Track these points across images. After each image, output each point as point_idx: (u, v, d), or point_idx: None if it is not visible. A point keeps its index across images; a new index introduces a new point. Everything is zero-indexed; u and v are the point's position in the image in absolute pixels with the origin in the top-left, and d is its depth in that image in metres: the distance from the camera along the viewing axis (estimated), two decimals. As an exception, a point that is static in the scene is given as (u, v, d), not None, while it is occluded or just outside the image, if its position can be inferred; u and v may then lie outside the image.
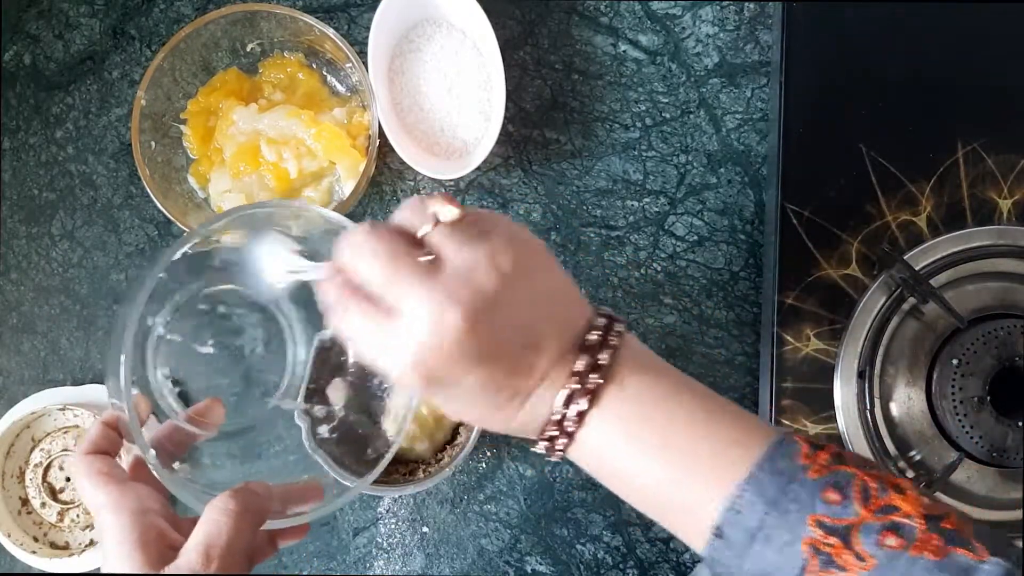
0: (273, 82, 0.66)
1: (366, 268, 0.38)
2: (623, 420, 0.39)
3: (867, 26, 0.64)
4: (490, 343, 0.37)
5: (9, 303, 0.69)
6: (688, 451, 0.39)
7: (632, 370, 0.39)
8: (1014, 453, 0.57)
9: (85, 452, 0.43)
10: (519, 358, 0.39)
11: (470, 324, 0.36)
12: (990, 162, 0.62)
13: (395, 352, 0.37)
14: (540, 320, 0.39)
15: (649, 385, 0.40)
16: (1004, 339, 0.57)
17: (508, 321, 0.38)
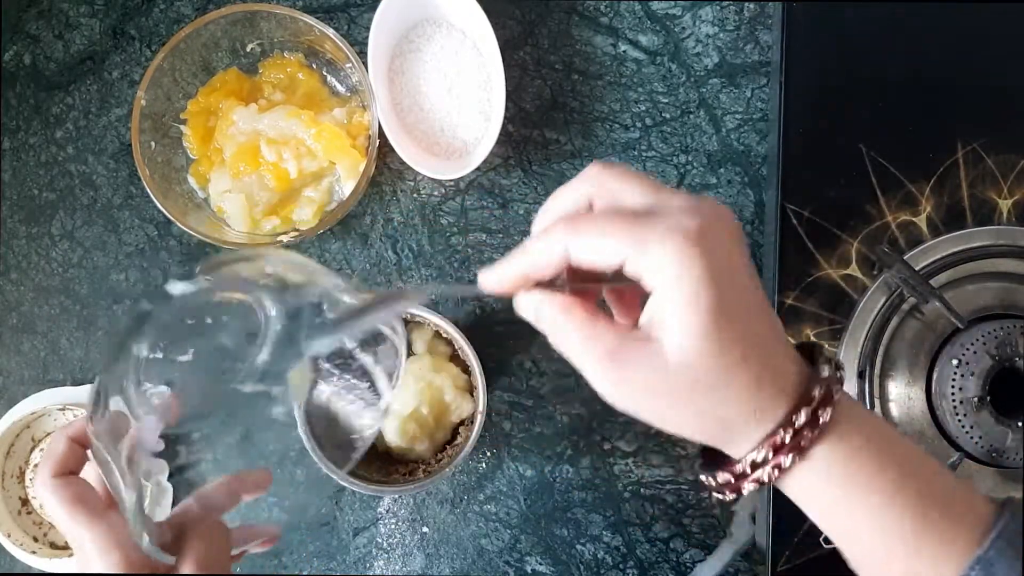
0: (273, 82, 0.66)
1: (628, 188, 0.34)
2: (842, 471, 0.35)
3: (867, 26, 0.64)
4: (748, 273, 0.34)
5: (9, 303, 0.69)
6: (922, 510, 0.35)
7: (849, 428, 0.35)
8: (1014, 453, 0.57)
9: (54, 474, 0.41)
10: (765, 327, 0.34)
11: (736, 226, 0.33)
12: (990, 162, 0.62)
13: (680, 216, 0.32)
14: (767, 341, 0.35)
15: (874, 435, 0.35)
16: (1004, 339, 0.57)
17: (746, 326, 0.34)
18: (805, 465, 0.35)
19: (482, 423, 0.60)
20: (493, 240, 0.67)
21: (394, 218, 0.68)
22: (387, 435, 0.62)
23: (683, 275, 0.32)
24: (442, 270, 0.67)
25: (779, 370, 0.34)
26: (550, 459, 0.66)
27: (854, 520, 0.35)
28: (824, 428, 0.34)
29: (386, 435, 0.62)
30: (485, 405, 0.60)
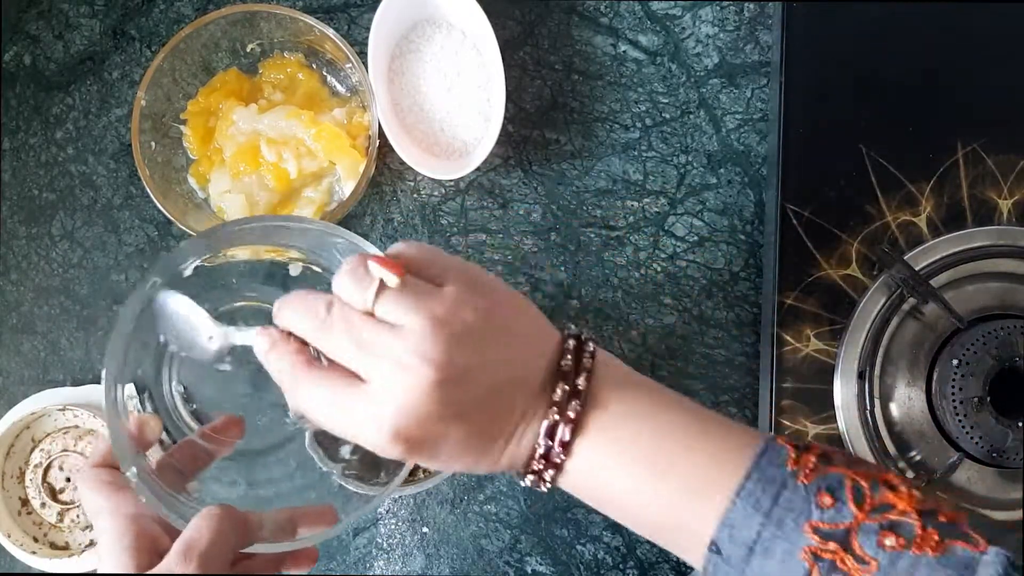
0: (273, 82, 0.66)
1: (327, 339, 0.37)
2: (609, 444, 0.38)
3: (867, 26, 0.64)
4: (467, 393, 0.37)
5: (9, 303, 0.69)
6: (677, 469, 0.38)
7: (612, 390, 0.39)
8: (1014, 453, 0.57)
9: (93, 465, 0.43)
10: (498, 401, 0.38)
11: (444, 377, 0.36)
12: (990, 162, 0.62)
13: (371, 424, 0.36)
14: (512, 357, 0.38)
15: (631, 405, 0.39)
16: (1004, 339, 0.57)
17: (481, 366, 0.37)
18: (583, 441, 0.38)
19: (482, 423, 0.60)
20: (493, 240, 0.67)
21: (394, 218, 0.68)
22: None
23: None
24: (442, 270, 0.67)
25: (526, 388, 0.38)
26: (550, 459, 0.66)
27: (614, 500, 0.39)
28: (586, 395, 0.38)
29: None
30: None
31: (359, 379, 0.37)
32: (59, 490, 0.68)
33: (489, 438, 0.38)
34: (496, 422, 0.38)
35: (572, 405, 0.38)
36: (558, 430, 0.38)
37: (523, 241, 0.67)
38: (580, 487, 0.40)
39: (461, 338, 0.37)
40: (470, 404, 0.37)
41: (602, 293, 0.66)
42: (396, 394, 0.36)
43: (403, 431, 0.36)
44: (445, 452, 0.38)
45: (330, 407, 0.37)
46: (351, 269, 0.38)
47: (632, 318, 0.66)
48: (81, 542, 0.67)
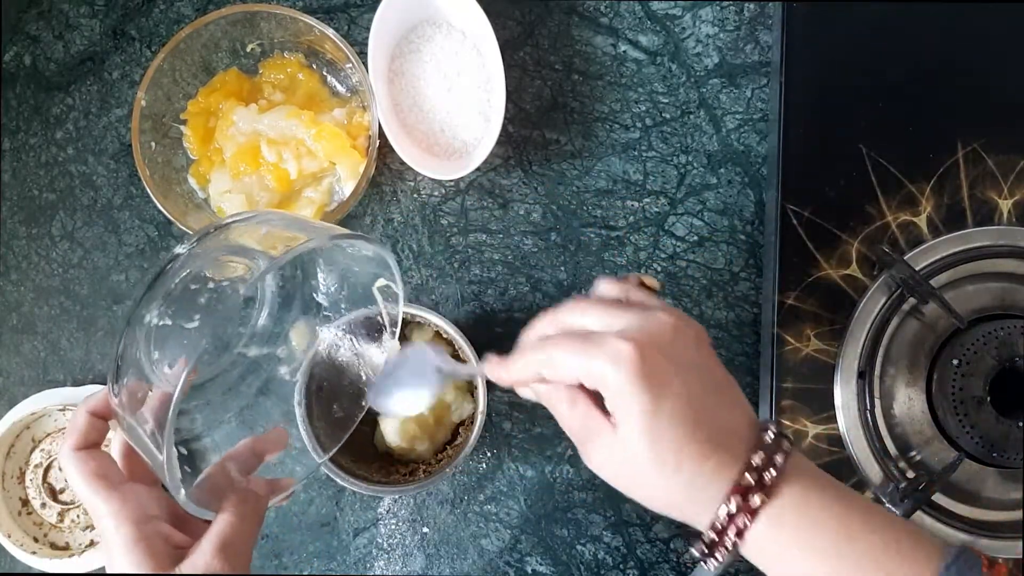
0: (273, 82, 0.66)
1: (581, 316, 0.41)
2: (795, 525, 0.39)
3: (867, 26, 0.64)
4: (694, 362, 0.40)
5: (9, 304, 0.69)
6: (872, 557, 0.39)
7: (802, 475, 0.40)
8: (1014, 453, 0.57)
9: (75, 447, 0.43)
10: (716, 402, 0.40)
11: (681, 329, 0.40)
12: (990, 162, 0.62)
13: (619, 344, 0.39)
14: (727, 401, 0.41)
15: (822, 489, 0.40)
16: (1004, 339, 0.57)
17: (711, 363, 0.41)
18: (758, 527, 0.39)
19: (482, 423, 0.60)
20: (493, 240, 0.67)
21: (394, 218, 0.68)
22: (387, 435, 0.62)
23: (619, 391, 0.39)
24: (442, 270, 0.67)
25: (725, 448, 0.40)
26: (550, 459, 0.66)
27: (803, 571, 0.39)
28: (769, 489, 0.39)
29: (386, 435, 0.62)
30: (485, 405, 0.60)
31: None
32: (59, 490, 0.68)
33: (703, 427, 0.39)
34: (713, 420, 0.40)
35: (767, 475, 0.39)
36: (751, 496, 0.39)
37: (523, 241, 0.67)
38: (761, 559, 0.40)
39: (701, 332, 0.42)
40: (697, 375, 0.40)
41: (602, 293, 0.66)
42: (642, 326, 0.40)
43: (642, 347, 0.38)
44: (666, 403, 0.39)
45: (581, 344, 0.40)
46: (615, 278, 0.45)
47: (632, 318, 0.66)
48: (81, 542, 0.67)
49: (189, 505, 0.42)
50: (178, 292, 0.41)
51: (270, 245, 0.42)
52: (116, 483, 0.42)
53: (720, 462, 0.39)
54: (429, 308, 0.60)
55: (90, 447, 0.43)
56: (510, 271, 0.67)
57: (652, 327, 0.40)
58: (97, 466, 0.42)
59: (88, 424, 0.43)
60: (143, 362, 0.40)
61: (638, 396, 0.38)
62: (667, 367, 0.39)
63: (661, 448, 0.39)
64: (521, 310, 0.67)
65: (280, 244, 0.41)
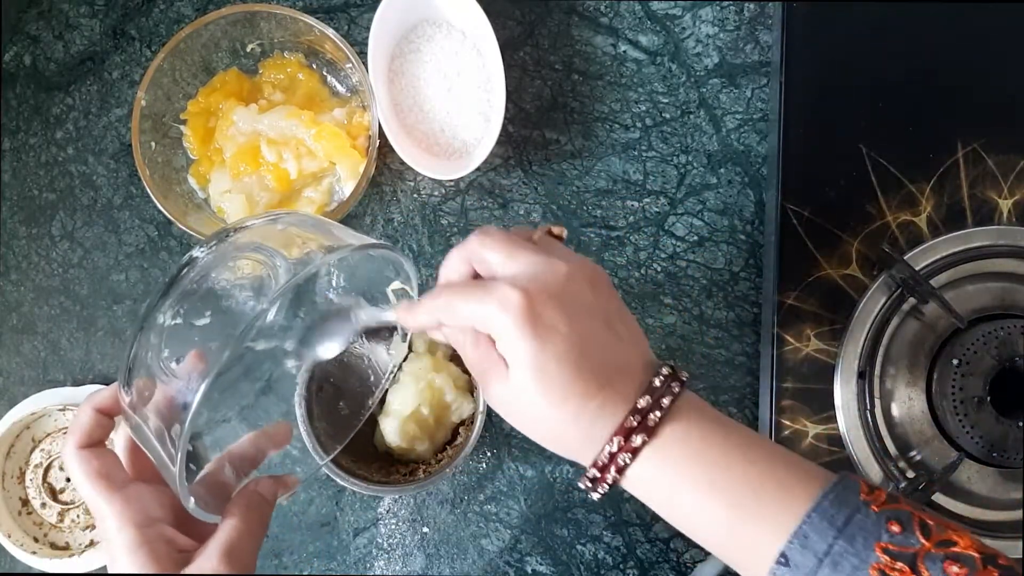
0: (273, 82, 0.66)
1: (489, 251, 0.42)
2: (679, 456, 0.40)
3: (867, 26, 0.64)
4: (587, 304, 0.41)
5: (9, 304, 0.69)
6: (749, 488, 0.39)
7: (691, 413, 0.41)
8: (1014, 453, 0.57)
9: (79, 446, 0.42)
10: (607, 339, 0.41)
11: (573, 275, 0.41)
12: (990, 162, 0.62)
13: (508, 291, 0.40)
14: (627, 322, 0.43)
15: (706, 427, 0.41)
16: (1004, 339, 0.57)
17: (605, 299, 0.42)
18: (639, 463, 0.40)
19: (482, 423, 0.60)
20: (493, 240, 0.67)
21: (394, 218, 0.68)
22: (387, 435, 0.62)
23: (507, 335, 0.40)
24: (442, 270, 0.67)
25: (612, 387, 0.41)
26: (550, 459, 0.66)
27: (681, 508, 0.41)
28: (652, 429, 0.40)
29: (386, 435, 0.62)
30: (485, 405, 0.60)
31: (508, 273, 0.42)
32: (59, 490, 0.68)
33: (590, 364, 0.40)
34: (602, 359, 0.40)
35: (652, 416, 0.40)
36: (633, 436, 0.40)
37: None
38: (643, 493, 0.42)
39: (596, 270, 0.42)
40: (587, 317, 0.41)
41: (602, 293, 0.66)
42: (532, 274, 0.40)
43: (530, 296, 0.39)
44: (551, 347, 0.39)
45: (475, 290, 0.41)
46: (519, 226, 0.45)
47: (632, 318, 0.66)
48: (81, 542, 0.67)
49: (198, 512, 0.41)
50: (190, 290, 0.41)
51: (284, 243, 0.41)
52: (120, 484, 0.41)
53: (606, 399, 0.40)
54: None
55: (94, 445, 0.43)
56: (510, 271, 0.67)
57: (543, 273, 0.41)
58: (101, 465, 0.42)
59: (93, 421, 0.43)
60: (152, 360, 0.40)
61: (524, 340, 0.39)
62: (554, 312, 0.40)
63: (547, 386, 0.40)
64: (521, 310, 0.67)
65: (297, 244, 0.41)
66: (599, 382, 0.40)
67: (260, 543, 0.43)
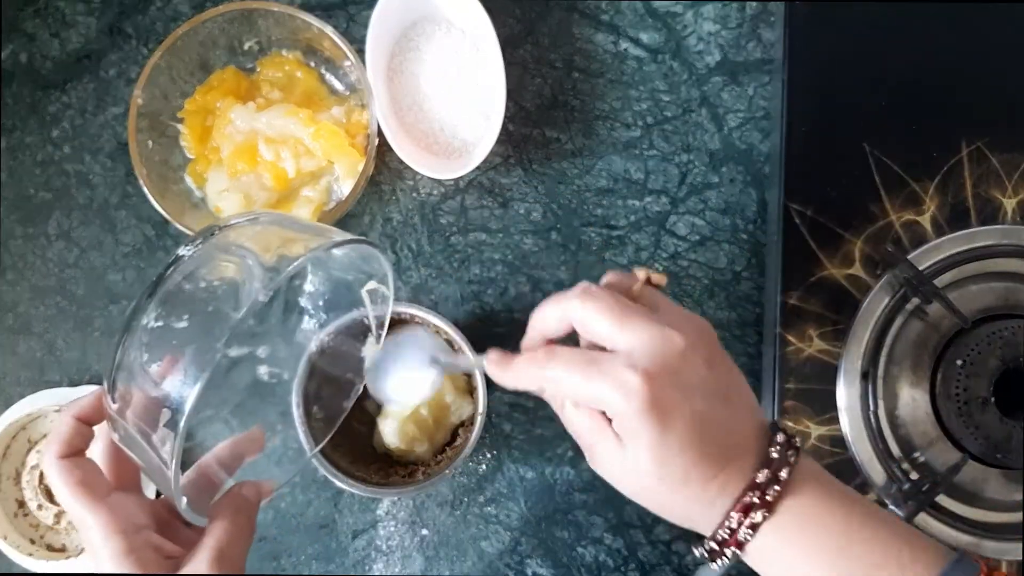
0: (271, 80, 0.65)
1: (595, 318, 0.40)
2: (794, 535, 0.40)
3: (870, 24, 0.64)
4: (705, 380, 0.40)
5: (5, 304, 0.68)
6: (865, 568, 0.39)
7: (806, 485, 0.40)
8: (1017, 454, 0.56)
9: (59, 455, 0.41)
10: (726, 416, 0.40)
11: (692, 349, 0.39)
12: (994, 161, 0.62)
13: (624, 371, 0.38)
14: (744, 392, 0.42)
15: (824, 502, 0.40)
16: (1008, 339, 0.57)
17: (723, 371, 0.41)
18: (759, 538, 0.40)
19: (482, 425, 0.59)
20: (493, 240, 0.67)
21: (393, 217, 0.67)
22: (386, 436, 0.61)
23: (627, 419, 0.39)
24: (441, 270, 0.67)
25: (736, 451, 0.40)
26: (551, 461, 0.65)
27: (825, 562, 0.40)
28: (785, 484, 0.40)
29: (385, 436, 0.61)
30: (485, 407, 0.59)
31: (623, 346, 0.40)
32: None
33: (711, 445, 0.39)
34: (721, 436, 0.40)
35: (771, 491, 0.40)
36: (752, 513, 0.39)
37: (523, 240, 0.67)
38: (761, 566, 0.41)
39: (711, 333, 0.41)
40: (707, 394, 0.39)
41: (603, 293, 0.66)
42: (650, 351, 0.38)
43: (652, 378, 0.38)
44: (673, 433, 0.38)
45: (585, 367, 0.39)
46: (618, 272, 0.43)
47: (633, 318, 0.66)
48: (78, 544, 0.66)
49: (189, 513, 0.41)
50: (171, 292, 0.40)
51: (263, 246, 0.41)
52: (103, 493, 0.41)
53: (726, 478, 0.40)
54: (429, 308, 0.60)
55: (75, 454, 0.42)
56: (510, 270, 0.67)
57: (661, 352, 0.39)
58: (83, 475, 0.41)
59: (73, 430, 0.42)
60: (135, 364, 0.40)
61: (647, 427, 0.38)
62: (675, 395, 0.39)
63: (667, 472, 0.39)
64: (521, 310, 0.66)
65: (274, 244, 0.41)
66: (719, 463, 0.40)
67: (248, 546, 0.43)
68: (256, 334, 0.53)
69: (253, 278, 0.43)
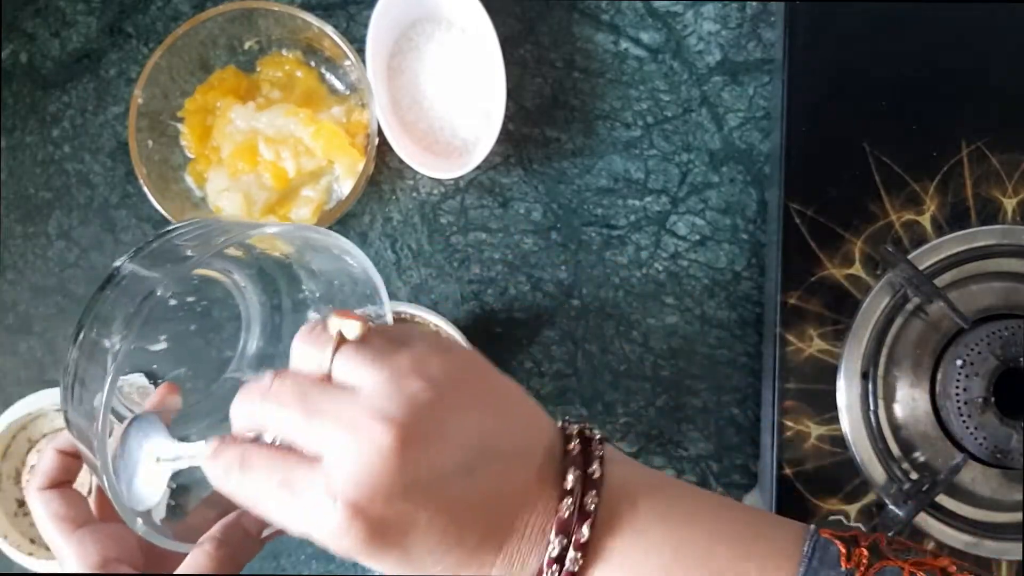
0: (271, 80, 0.65)
1: (273, 419, 0.32)
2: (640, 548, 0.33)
3: (871, 24, 0.64)
4: (437, 461, 0.30)
5: (5, 303, 0.68)
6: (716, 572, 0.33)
7: (630, 483, 0.34)
8: (1017, 454, 0.56)
9: (40, 487, 0.40)
10: (484, 480, 0.31)
11: (406, 438, 0.30)
12: (994, 161, 0.62)
13: (324, 504, 0.30)
14: (499, 427, 0.33)
15: (657, 500, 0.34)
16: (1009, 339, 0.57)
17: (458, 429, 0.31)
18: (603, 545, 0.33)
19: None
20: (493, 239, 0.67)
21: (393, 217, 0.67)
22: None
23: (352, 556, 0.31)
24: (441, 269, 0.67)
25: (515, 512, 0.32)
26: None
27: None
28: (602, 486, 0.33)
29: None
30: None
31: (312, 460, 0.31)
32: (56, 491, 0.67)
33: (475, 532, 0.31)
34: (483, 511, 0.31)
35: (590, 496, 0.32)
36: (574, 528, 0.32)
37: (523, 240, 0.67)
38: None
39: (427, 395, 0.31)
40: (444, 479, 0.30)
41: (603, 293, 0.66)
42: (349, 463, 0.30)
43: (360, 508, 0.29)
44: (417, 547, 0.31)
45: (278, 491, 0.31)
46: (309, 329, 0.33)
47: (633, 318, 0.66)
48: (78, 544, 0.66)
49: (151, 535, 0.38)
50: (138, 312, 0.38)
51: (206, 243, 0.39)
52: (78, 524, 0.40)
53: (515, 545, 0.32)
54: (428, 308, 0.60)
55: (58, 485, 0.41)
56: (510, 270, 0.67)
57: (366, 460, 0.30)
58: (59, 507, 0.40)
59: (54, 463, 0.41)
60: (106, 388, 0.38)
61: (379, 564, 0.31)
62: (401, 510, 0.30)
63: None
64: (521, 309, 0.66)
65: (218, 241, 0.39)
66: (495, 542, 0.32)
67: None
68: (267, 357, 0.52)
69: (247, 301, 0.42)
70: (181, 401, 0.45)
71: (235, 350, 0.51)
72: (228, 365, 0.51)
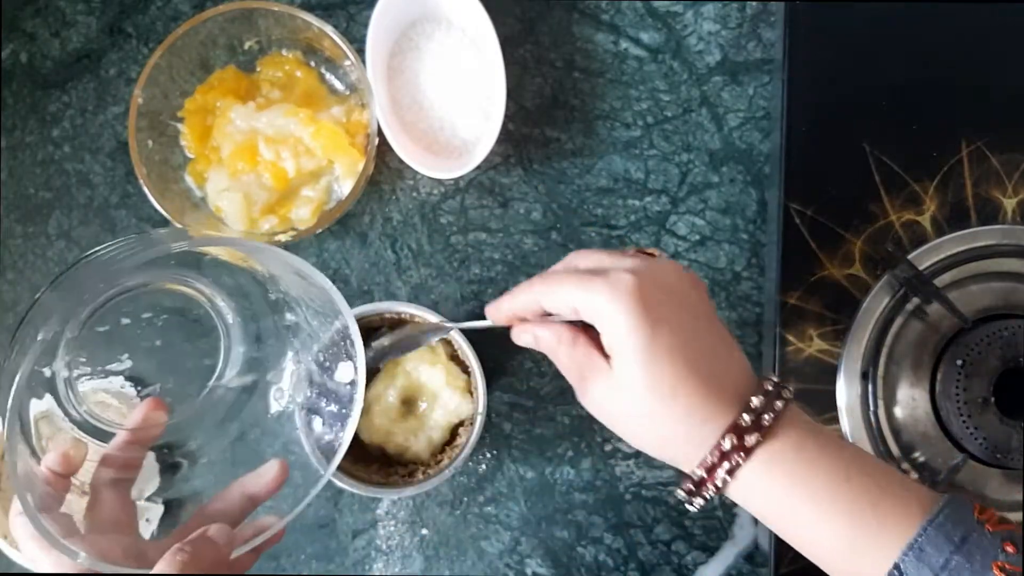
0: (271, 80, 0.65)
1: (584, 259, 0.42)
2: (789, 467, 0.39)
3: (871, 24, 0.64)
4: (692, 310, 0.40)
5: (5, 303, 0.68)
6: (868, 500, 0.39)
7: (799, 423, 0.40)
8: (1017, 454, 0.56)
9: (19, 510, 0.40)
10: (709, 356, 0.40)
11: (680, 276, 0.41)
12: (994, 161, 0.62)
13: (616, 273, 0.39)
14: (726, 346, 0.41)
15: (818, 437, 0.40)
16: (1009, 339, 0.57)
17: (705, 317, 0.41)
18: (751, 466, 0.39)
19: (482, 424, 0.59)
20: (493, 239, 0.67)
21: (393, 217, 0.67)
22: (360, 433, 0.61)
23: (615, 321, 0.39)
24: (441, 269, 0.67)
25: (722, 388, 0.40)
26: (551, 460, 0.65)
27: (795, 516, 0.40)
28: (766, 430, 0.39)
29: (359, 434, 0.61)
30: (485, 406, 0.59)
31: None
32: (55, 491, 0.67)
33: (694, 377, 0.39)
34: (702, 374, 0.39)
35: (766, 417, 0.39)
36: (746, 436, 0.39)
37: (523, 240, 0.67)
38: (753, 500, 0.41)
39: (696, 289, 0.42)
40: (692, 324, 0.40)
41: (603, 293, 0.66)
42: (644, 263, 0.40)
43: (644, 279, 0.39)
44: (663, 343, 0.38)
45: (577, 275, 0.40)
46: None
47: (633, 318, 0.65)
48: (78, 544, 0.66)
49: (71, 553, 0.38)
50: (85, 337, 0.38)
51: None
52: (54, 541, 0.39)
53: (718, 400, 0.39)
54: (428, 308, 0.60)
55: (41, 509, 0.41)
56: (510, 270, 0.67)
57: (655, 266, 0.40)
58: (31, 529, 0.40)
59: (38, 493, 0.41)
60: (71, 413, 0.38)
61: (636, 328, 0.38)
62: (666, 301, 0.39)
63: (657, 379, 0.39)
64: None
65: None
66: (710, 384, 0.39)
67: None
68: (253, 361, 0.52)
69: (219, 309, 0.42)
70: (167, 416, 0.46)
71: (216, 359, 0.52)
72: (213, 374, 0.51)
